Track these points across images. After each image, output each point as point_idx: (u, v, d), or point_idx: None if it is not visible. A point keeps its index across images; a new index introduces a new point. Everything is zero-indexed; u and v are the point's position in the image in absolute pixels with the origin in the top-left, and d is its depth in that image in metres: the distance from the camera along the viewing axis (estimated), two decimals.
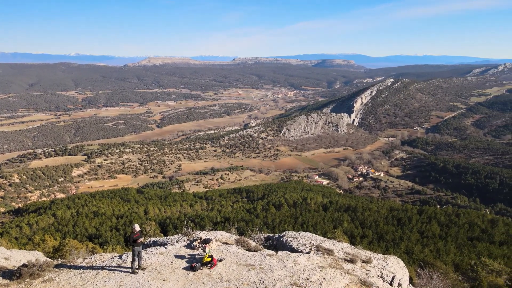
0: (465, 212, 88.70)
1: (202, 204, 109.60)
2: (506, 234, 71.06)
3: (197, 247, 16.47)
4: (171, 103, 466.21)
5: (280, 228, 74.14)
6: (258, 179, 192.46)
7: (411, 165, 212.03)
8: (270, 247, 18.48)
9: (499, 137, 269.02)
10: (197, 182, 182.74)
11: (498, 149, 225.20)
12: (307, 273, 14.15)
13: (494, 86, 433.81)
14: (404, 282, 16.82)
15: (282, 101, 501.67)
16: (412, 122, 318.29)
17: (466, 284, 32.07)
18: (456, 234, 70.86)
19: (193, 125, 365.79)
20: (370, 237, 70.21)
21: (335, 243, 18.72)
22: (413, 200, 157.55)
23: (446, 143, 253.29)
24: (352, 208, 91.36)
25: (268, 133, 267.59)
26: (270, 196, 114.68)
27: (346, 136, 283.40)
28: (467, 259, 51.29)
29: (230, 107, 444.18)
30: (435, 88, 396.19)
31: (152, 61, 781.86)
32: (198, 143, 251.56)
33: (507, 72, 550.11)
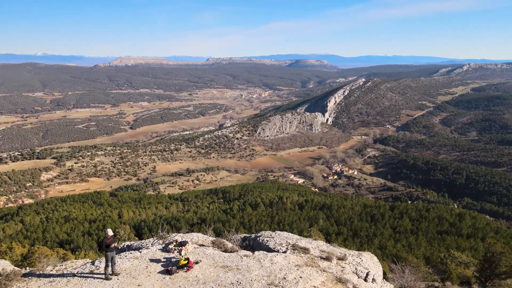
0: (434, 207, 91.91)
1: (178, 206, 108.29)
2: (473, 227, 74.13)
3: (172, 250, 16.24)
4: (145, 104, 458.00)
5: (257, 228, 74.31)
6: (234, 179, 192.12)
7: (383, 163, 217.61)
8: (247, 247, 18.47)
9: (465, 134, 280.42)
10: (173, 184, 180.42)
11: (464, 146, 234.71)
12: (284, 272, 14.23)
13: (460, 85, 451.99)
14: (378, 277, 17.21)
15: (257, 101, 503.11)
16: (383, 120, 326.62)
17: (436, 276, 33.17)
18: (427, 228, 73.28)
19: (167, 126, 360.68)
20: (345, 234, 71.51)
21: (311, 241, 18.93)
22: (386, 196, 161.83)
23: (415, 141, 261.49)
24: (327, 206, 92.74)
25: (243, 133, 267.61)
26: (247, 196, 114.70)
27: (321, 135, 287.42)
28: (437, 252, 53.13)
29: (205, 108, 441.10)
30: (405, 88, 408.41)
31: (124, 61, 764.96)
32: (173, 144, 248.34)
33: (471, 71, 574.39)
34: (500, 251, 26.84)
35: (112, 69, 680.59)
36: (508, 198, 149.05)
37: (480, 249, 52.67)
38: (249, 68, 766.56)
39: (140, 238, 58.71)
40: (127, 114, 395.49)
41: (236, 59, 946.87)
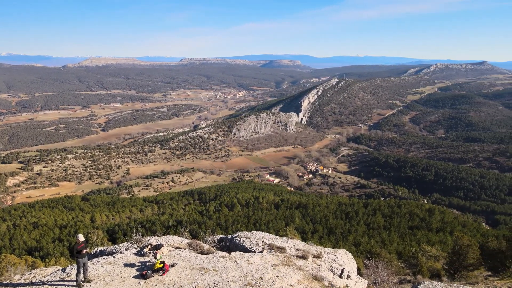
0: (405, 203, 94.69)
1: (153, 209, 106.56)
2: (442, 222, 76.95)
3: (147, 253, 15.96)
4: (117, 106, 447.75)
5: (233, 228, 74.20)
6: (210, 180, 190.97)
7: (357, 161, 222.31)
8: (223, 248, 18.41)
9: (433, 132, 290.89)
10: (147, 186, 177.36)
11: (432, 143, 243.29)
12: (261, 272, 14.29)
13: (428, 85, 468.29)
14: (352, 273, 17.58)
15: (231, 102, 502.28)
16: (356, 119, 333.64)
17: (408, 270, 34.21)
18: (399, 224, 75.45)
19: (141, 127, 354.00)
20: (321, 232, 72.53)
21: (287, 240, 19.09)
22: (359, 194, 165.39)
23: (387, 139, 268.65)
24: (303, 205, 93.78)
25: (218, 134, 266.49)
26: (223, 197, 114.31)
27: (295, 134, 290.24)
28: (408, 247, 54.78)
29: (179, 109, 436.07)
30: (376, 87, 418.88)
31: (94, 62, 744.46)
32: (147, 146, 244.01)
33: (438, 71, 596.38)
34: (467, 244, 28.00)
35: (82, 69, 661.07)
36: (473, 192, 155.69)
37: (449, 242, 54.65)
38: (223, 69, 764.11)
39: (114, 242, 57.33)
40: (99, 116, 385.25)
41: (210, 60, 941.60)
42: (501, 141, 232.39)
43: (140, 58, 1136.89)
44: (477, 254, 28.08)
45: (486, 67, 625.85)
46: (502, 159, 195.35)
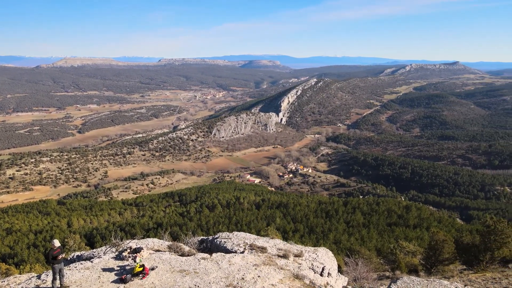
0: (384, 200, 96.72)
1: (132, 211, 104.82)
2: (419, 218, 78.96)
3: (127, 257, 15.67)
4: (94, 107, 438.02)
5: (214, 229, 73.86)
6: (190, 181, 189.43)
7: (336, 160, 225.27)
8: (204, 250, 18.30)
9: (409, 130, 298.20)
10: (126, 189, 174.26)
11: (409, 142, 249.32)
12: (242, 272, 14.28)
13: (403, 85, 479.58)
14: (333, 271, 17.80)
15: (211, 102, 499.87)
16: (335, 119, 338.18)
17: (387, 266, 34.93)
18: (377, 221, 76.94)
19: (119, 129, 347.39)
20: (302, 231, 73.15)
21: (268, 240, 19.15)
22: (339, 192, 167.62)
23: (365, 138, 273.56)
24: (284, 204, 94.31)
25: (198, 135, 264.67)
26: (203, 198, 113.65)
27: (275, 134, 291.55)
28: (387, 243, 55.91)
29: (158, 110, 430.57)
30: (354, 87, 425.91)
31: (69, 62, 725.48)
32: (125, 148, 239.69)
33: (413, 71, 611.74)
34: (442, 239, 28.82)
35: (57, 70, 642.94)
36: (448, 189, 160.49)
37: (425, 238, 56.11)
38: (202, 69, 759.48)
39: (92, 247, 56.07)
40: (75, 118, 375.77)
41: (189, 60, 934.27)
42: (473, 138, 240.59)
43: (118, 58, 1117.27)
44: (452, 249, 28.94)
45: (458, 67, 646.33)
46: (474, 156, 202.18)
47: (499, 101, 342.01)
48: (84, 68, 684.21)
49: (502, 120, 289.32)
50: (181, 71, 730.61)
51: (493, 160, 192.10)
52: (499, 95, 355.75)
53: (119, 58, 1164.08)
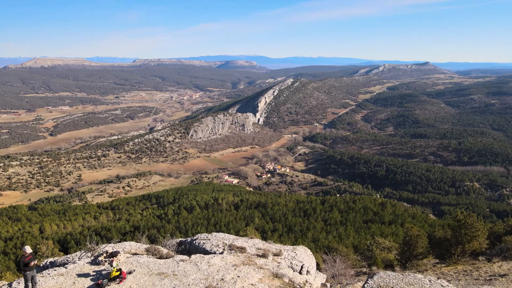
0: (360, 198, 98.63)
1: (108, 215, 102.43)
2: (394, 214, 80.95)
3: (103, 262, 15.33)
4: (66, 109, 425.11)
5: (193, 231, 73.24)
6: (167, 183, 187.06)
7: (313, 159, 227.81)
8: (183, 252, 18.14)
9: (383, 129, 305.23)
10: (101, 192, 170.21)
11: (383, 140, 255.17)
12: (222, 273, 14.26)
13: (377, 84, 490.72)
14: (312, 269, 18.04)
15: (188, 103, 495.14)
16: (311, 119, 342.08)
17: (364, 263, 35.64)
18: (354, 218, 78.34)
19: (93, 131, 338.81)
20: (281, 230, 73.58)
21: (247, 240, 19.20)
22: (317, 191, 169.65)
23: (341, 137, 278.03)
24: (262, 204, 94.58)
25: (175, 136, 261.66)
26: (181, 200, 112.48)
27: (253, 135, 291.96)
28: (364, 240, 56.99)
29: (134, 111, 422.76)
30: (330, 87, 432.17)
31: (39, 63, 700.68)
32: (100, 150, 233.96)
33: (386, 72, 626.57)
34: (416, 234, 29.67)
35: (26, 71, 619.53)
36: (421, 186, 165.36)
37: (400, 234, 57.51)
38: (178, 70, 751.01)
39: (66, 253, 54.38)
40: (46, 120, 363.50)
41: (165, 61, 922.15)
42: (444, 136, 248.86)
43: (90, 58, 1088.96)
44: (426, 244, 29.85)
45: (429, 67, 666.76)
46: (445, 154, 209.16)
47: (467, 100, 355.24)
48: (55, 69, 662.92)
49: (471, 119, 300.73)
50: (156, 71, 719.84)
51: (463, 157, 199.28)
52: (467, 94, 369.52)
53: (92, 59, 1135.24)
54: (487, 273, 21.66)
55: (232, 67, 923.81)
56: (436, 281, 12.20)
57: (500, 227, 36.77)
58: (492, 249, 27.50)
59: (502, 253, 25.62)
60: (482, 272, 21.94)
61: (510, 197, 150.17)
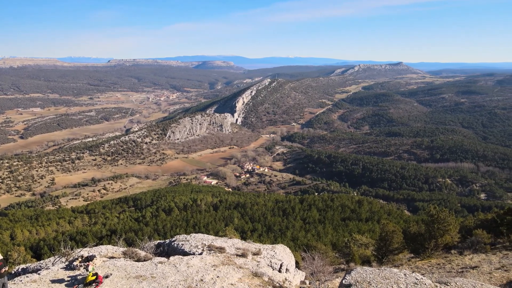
0: (338, 196, 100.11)
1: (84, 219, 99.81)
2: (370, 211, 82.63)
3: (78, 266, 14.93)
4: (37, 110, 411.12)
5: (172, 233, 72.44)
6: (145, 185, 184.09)
7: (291, 159, 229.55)
8: (161, 254, 17.92)
9: (359, 128, 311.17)
10: (76, 196, 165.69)
11: (359, 139, 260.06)
12: (201, 274, 14.18)
13: (353, 84, 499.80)
14: (291, 267, 18.20)
15: (165, 104, 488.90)
16: (289, 118, 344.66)
17: (342, 259, 36.25)
18: (332, 216, 79.46)
19: (66, 133, 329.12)
20: (260, 230, 73.76)
21: (226, 240, 19.16)
22: (295, 190, 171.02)
23: (318, 136, 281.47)
24: (241, 204, 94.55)
25: (152, 137, 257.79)
26: (159, 202, 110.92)
27: (231, 135, 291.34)
28: (342, 237, 57.96)
29: (109, 112, 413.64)
30: (307, 87, 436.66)
31: (8, 63, 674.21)
32: (74, 153, 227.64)
33: (362, 71, 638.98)
34: (392, 230, 30.42)
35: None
36: (396, 183, 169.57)
37: (377, 230, 58.74)
38: (155, 70, 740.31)
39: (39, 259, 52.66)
40: (16, 122, 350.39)
41: (141, 61, 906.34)
42: (417, 134, 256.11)
43: (63, 59, 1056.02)
44: (401, 239, 30.65)
45: (402, 67, 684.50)
46: (418, 151, 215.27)
47: (438, 99, 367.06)
48: (25, 69, 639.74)
49: (442, 117, 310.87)
50: (132, 72, 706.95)
51: (435, 154, 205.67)
52: (438, 93, 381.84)
53: (64, 59, 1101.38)
54: (459, 265, 22.45)
55: (210, 67, 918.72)
56: (411, 275, 12.55)
57: (471, 221, 38.18)
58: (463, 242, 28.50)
59: (473, 246, 26.60)
60: (454, 265, 22.73)
61: (480, 192, 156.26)
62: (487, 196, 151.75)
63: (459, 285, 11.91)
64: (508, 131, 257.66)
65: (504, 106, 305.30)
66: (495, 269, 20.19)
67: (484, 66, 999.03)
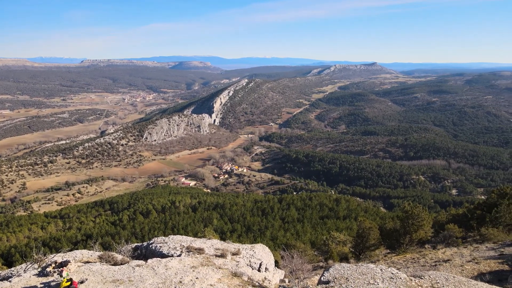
0: (316, 195, 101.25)
1: (58, 224, 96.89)
2: (348, 209, 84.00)
3: (51, 273, 14.48)
4: (6, 113, 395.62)
5: (150, 236, 71.32)
6: (122, 188, 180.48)
7: (270, 158, 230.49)
8: (139, 257, 17.62)
9: (336, 127, 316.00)
10: (49, 200, 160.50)
11: (336, 138, 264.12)
12: (180, 276, 14.04)
13: (329, 84, 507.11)
14: (270, 266, 18.28)
15: (141, 105, 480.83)
16: (267, 119, 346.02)
17: (321, 257, 36.68)
18: (311, 215, 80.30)
19: (37, 136, 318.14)
20: (239, 231, 73.71)
21: (205, 241, 19.04)
22: (274, 190, 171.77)
23: (296, 136, 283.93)
24: (220, 205, 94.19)
25: (129, 139, 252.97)
26: (137, 205, 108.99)
27: (209, 136, 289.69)
28: (320, 235, 58.65)
29: (83, 114, 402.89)
30: (284, 87, 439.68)
31: None
32: (47, 156, 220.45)
33: (338, 72, 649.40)
34: (369, 227, 31.07)
35: None
36: (372, 181, 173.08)
37: (354, 227, 59.83)
38: (130, 71, 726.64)
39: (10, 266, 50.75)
40: None
41: (116, 61, 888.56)
42: (391, 133, 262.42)
43: (33, 59, 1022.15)
44: (377, 235, 31.34)
45: (376, 67, 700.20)
46: (393, 149, 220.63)
47: (411, 98, 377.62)
48: None
49: (415, 116, 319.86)
50: (107, 72, 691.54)
51: (409, 152, 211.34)
52: (411, 93, 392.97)
53: (34, 59, 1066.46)
54: (433, 259, 23.16)
55: (186, 68, 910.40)
56: (387, 270, 12.87)
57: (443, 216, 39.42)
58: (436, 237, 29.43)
59: (446, 240, 27.51)
60: (428, 259, 23.43)
61: (452, 188, 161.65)
62: (458, 192, 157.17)
63: (432, 278, 12.31)
64: (477, 128, 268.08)
65: (473, 105, 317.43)
66: (467, 261, 20.95)
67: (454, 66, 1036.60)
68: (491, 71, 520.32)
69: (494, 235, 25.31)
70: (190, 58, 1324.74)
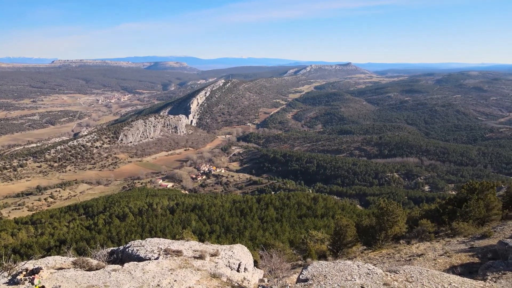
0: (294, 194, 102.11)
1: (29, 230, 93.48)
2: (325, 208, 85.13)
3: (22, 281, 13.94)
4: None
5: (126, 239, 69.91)
6: (96, 191, 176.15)
7: (247, 159, 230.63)
8: (115, 261, 17.23)
9: (313, 127, 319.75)
10: (19, 206, 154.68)
11: (313, 137, 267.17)
12: (158, 279, 13.84)
13: (305, 84, 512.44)
14: (249, 266, 18.28)
15: (116, 106, 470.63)
16: (244, 119, 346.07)
17: (299, 256, 36.98)
18: (289, 214, 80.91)
19: (6, 139, 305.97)
20: (218, 232, 73.37)
21: (183, 243, 18.84)
22: (252, 190, 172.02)
23: (274, 136, 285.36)
24: (199, 206, 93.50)
25: (103, 141, 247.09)
26: (113, 208, 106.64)
27: (186, 137, 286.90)
28: (298, 234, 59.19)
29: (55, 116, 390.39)
30: (261, 87, 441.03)
31: None
32: (16, 160, 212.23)
33: (313, 72, 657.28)
34: (346, 224, 31.54)
35: None
36: (348, 179, 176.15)
37: (332, 225, 60.56)
38: (104, 71, 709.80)
39: None
40: None
41: (88, 62, 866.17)
42: (366, 132, 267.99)
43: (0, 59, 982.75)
44: (354, 232, 31.88)
45: (351, 67, 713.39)
46: (368, 148, 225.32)
47: (385, 97, 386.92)
48: None
49: (389, 115, 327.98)
50: (79, 73, 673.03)
51: (383, 150, 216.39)
52: (385, 92, 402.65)
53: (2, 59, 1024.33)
54: (407, 254, 23.80)
55: (162, 68, 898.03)
56: (363, 266, 13.12)
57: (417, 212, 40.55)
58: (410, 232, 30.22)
59: (419, 235, 28.30)
60: (403, 254, 24.06)
61: (424, 184, 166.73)
62: (430, 188, 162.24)
63: (407, 272, 12.64)
64: (447, 126, 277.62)
65: (443, 104, 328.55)
66: (439, 255, 21.64)
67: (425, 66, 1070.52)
68: (460, 71, 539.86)
69: (464, 229, 26.22)
70: (166, 59, 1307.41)
